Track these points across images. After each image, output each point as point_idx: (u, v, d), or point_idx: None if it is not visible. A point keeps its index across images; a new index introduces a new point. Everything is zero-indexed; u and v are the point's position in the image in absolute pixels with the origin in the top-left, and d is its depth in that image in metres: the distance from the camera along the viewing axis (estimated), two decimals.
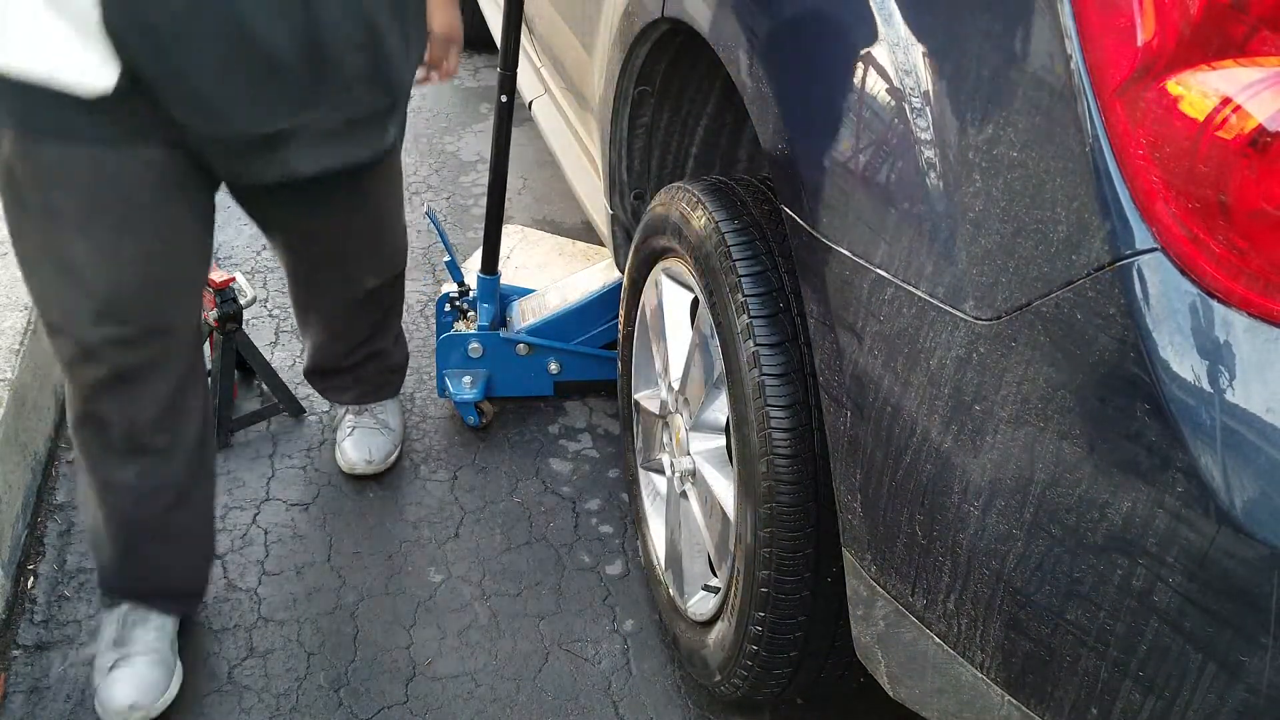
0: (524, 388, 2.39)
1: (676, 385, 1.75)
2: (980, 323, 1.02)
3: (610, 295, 2.29)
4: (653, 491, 1.94)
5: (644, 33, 1.75)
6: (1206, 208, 0.88)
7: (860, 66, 1.14)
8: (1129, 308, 0.90)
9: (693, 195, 1.57)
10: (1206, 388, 0.88)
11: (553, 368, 2.36)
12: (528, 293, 2.43)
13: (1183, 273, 0.89)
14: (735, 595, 1.52)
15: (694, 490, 1.74)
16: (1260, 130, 0.85)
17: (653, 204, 1.74)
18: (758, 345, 1.38)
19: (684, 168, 2.01)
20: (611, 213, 2.08)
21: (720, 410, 1.62)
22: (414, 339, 2.58)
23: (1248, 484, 0.87)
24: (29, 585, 1.91)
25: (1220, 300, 0.89)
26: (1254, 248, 0.87)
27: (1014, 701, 1.09)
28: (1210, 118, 0.86)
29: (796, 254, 1.28)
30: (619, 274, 2.12)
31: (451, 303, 2.35)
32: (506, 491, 2.19)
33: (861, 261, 1.14)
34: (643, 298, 1.87)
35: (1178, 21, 0.88)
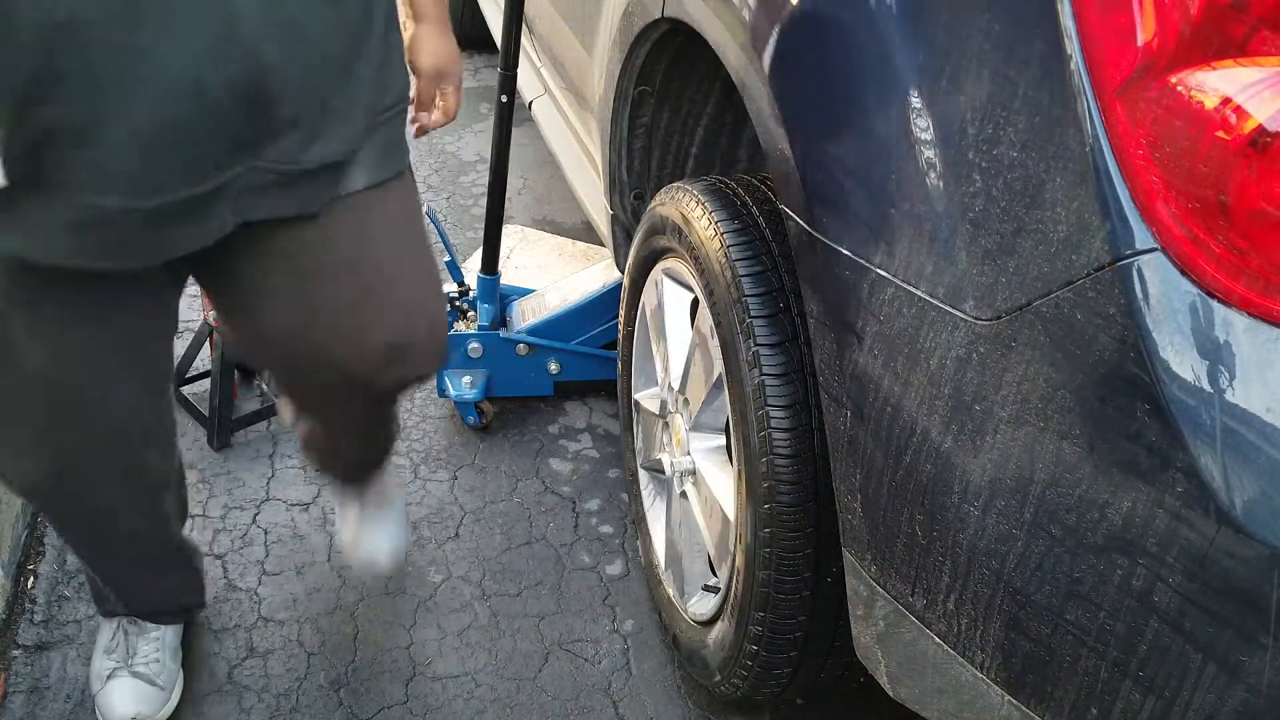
0: (524, 388, 2.39)
1: (676, 385, 1.75)
2: (980, 323, 1.02)
3: (610, 295, 2.29)
4: (653, 491, 1.94)
5: (644, 33, 1.75)
6: (1206, 208, 0.88)
7: (860, 66, 1.14)
8: (1129, 308, 0.90)
9: (693, 195, 1.57)
10: (1206, 388, 0.88)
11: (553, 368, 2.36)
12: (528, 293, 2.43)
13: (1183, 273, 0.89)
14: (735, 595, 1.52)
15: (694, 490, 1.74)
16: (1260, 130, 0.85)
17: (653, 204, 1.74)
18: (758, 345, 1.38)
19: (684, 168, 2.01)
20: (611, 213, 2.08)
21: (720, 410, 1.62)
22: None
23: (1248, 484, 0.87)
24: (29, 585, 1.91)
25: (1220, 300, 0.89)
26: (1254, 248, 0.87)
27: (1014, 701, 1.09)
28: (1210, 118, 0.86)
29: (796, 254, 1.28)
30: (619, 274, 2.12)
31: (451, 303, 2.35)
32: (506, 491, 2.19)
33: (861, 261, 1.14)
34: (643, 298, 1.87)
35: (1178, 21, 0.88)
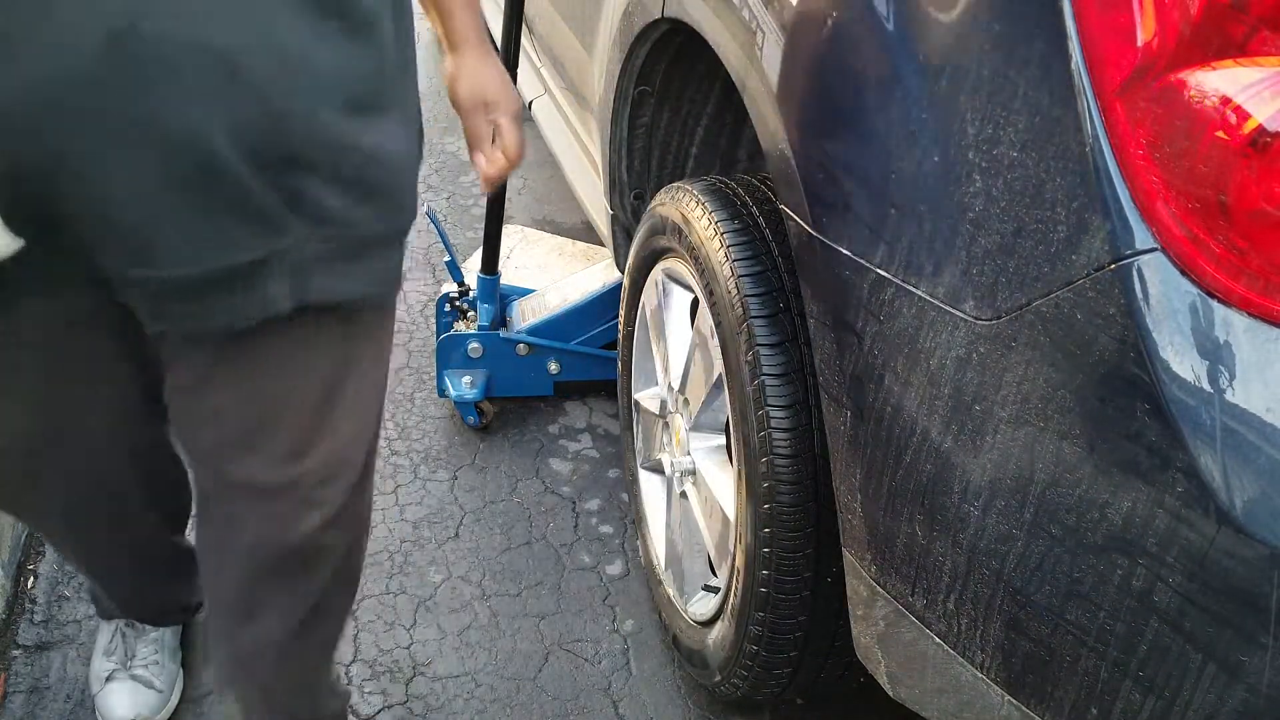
0: (524, 388, 2.39)
1: (676, 385, 1.75)
2: (980, 323, 1.02)
3: (610, 295, 2.29)
4: (653, 491, 1.94)
5: (644, 33, 1.75)
6: (1206, 208, 0.88)
7: (860, 66, 1.14)
8: (1129, 308, 0.90)
9: (693, 195, 1.57)
10: (1206, 388, 0.88)
11: (553, 368, 2.36)
12: (528, 293, 2.43)
13: (1183, 273, 0.89)
14: (735, 595, 1.52)
15: (694, 490, 1.74)
16: (1260, 130, 0.85)
17: (653, 204, 1.74)
18: (758, 345, 1.38)
19: (684, 168, 2.01)
20: (611, 213, 2.08)
21: (720, 410, 1.62)
22: (414, 339, 2.58)
23: (1248, 484, 0.87)
24: (29, 585, 1.91)
25: (1220, 300, 0.89)
26: (1254, 248, 0.87)
27: (1014, 701, 1.09)
28: (1210, 118, 0.86)
29: (796, 254, 1.28)
30: (619, 274, 2.12)
31: (451, 303, 2.35)
32: (506, 491, 2.19)
33: (861, 261, 1.14)
34: (643, 298, 1.87)
35: (1178, 21, 0.88)
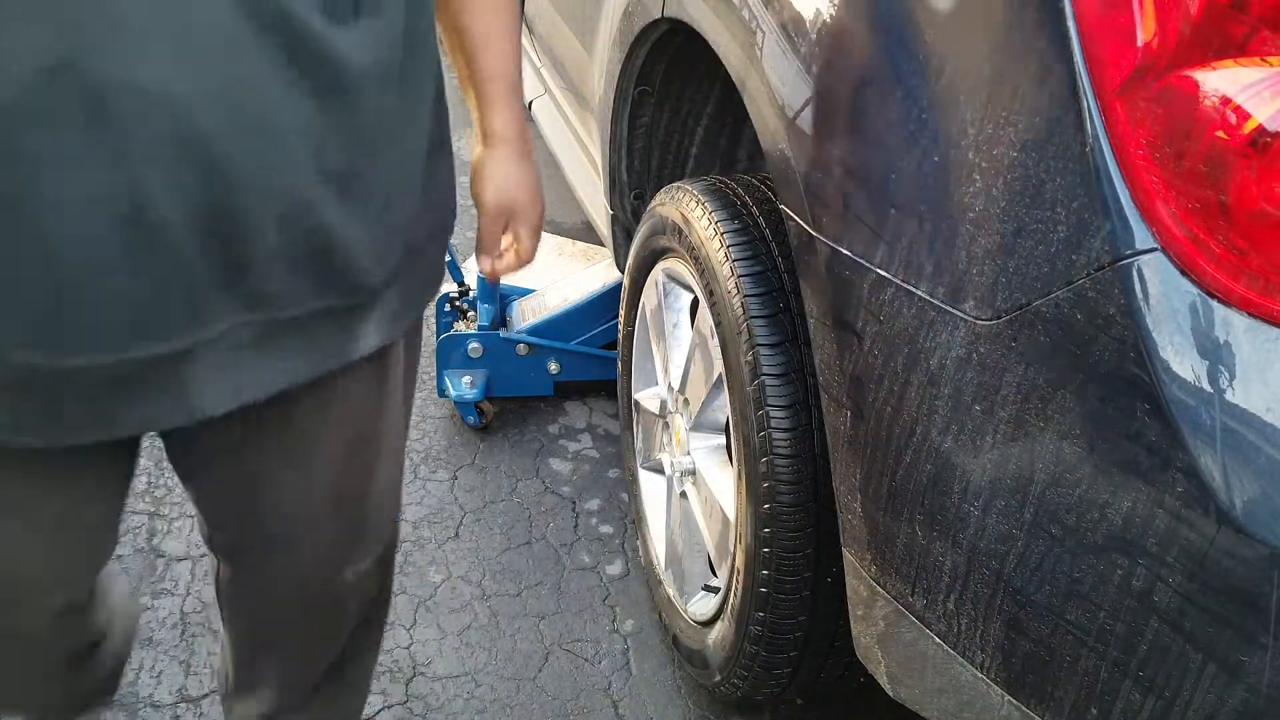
0: (524, 388, 2.39)
1: (676, 385, 1.75)
2: (980, 323, 1.02)
3: (610, 295, 2.29)
4: (653, 491, 1.94)
5: (644, 33, 1.75)
6: (1206, 208, 0.88)
7: (860, 66, 1.14)
8: (1129, 308, 0.90)
9: (693, 195, 1.57)
10: (1206, 388, 0.88)
11: (553, 368, 2.36)
12: (528, 293, 2.43)
13: (1183, 273, 0.89)
14: (735, 595, 1.52)
15: (694, 490, 1.74)
16: (1260, 130, 0.85)
17: (653, 204, 1.74)
18: (758, 345, 1.38)
19: (684, 168, 2.01)
20: (611, 213, 2.08)
21: (720, 410, 1.62)
22: None
23: (1248, 484, 0.87)
24: None
25: (1220, 300, 0.89)
26: (1254, 248, 0.87)
27: (1014, 701, 1.09)
28: (1210, 118, 0.86)
29: (796, 254, 1.28)
30: (619, 274, 2.12)
31: (451, 303, 2.35)
32: (506, 491, 2.19)
33: (861, 261, 1.14)
34: (643, 298, 1.87)
35: (1178, 21, 0.88)
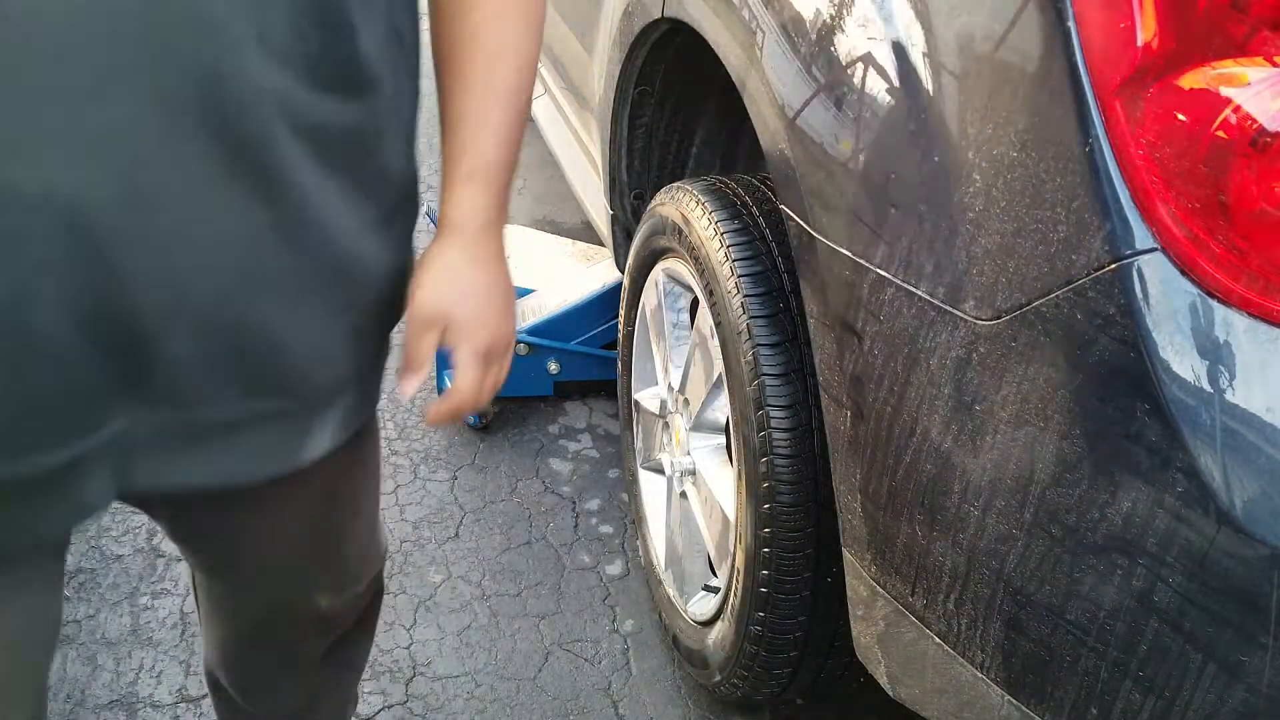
0: (524, 388, 2.39)
1: (676, 385, 1.75)
2: (980, 323, 1.02)
3: (610, 295, 2.29)
4: (653, 491, 1.94)
5: (644, 33, 1.75)
6: (1206, 208, 0.88)
7: (860, 66, 1.14)
8: (1129, 308, 0.90)
9: (693, 195, 1.57)
10: (1206, 388, 0.88)
11: (553, 368, 2.36)
12: (528, 293, 2.43)
13: (1183, 273, 0.89)
14: (735, 595, 1.52)
15: (694, 490, 1.74)
16: (1260, 130, 0.85)
17: (653, 204, 1.74)
18: (758, 345, 1.38)
19: (684, 168, 2.01)
20: (611, 213, 2.08)
21: (720, 410, 1.62)
22: None
23: (1248, 484, 0.87)
24: None
25: (1220, 300, 0.89)
26: (1254, 248, 0.87)
27: (1014, 701, 1.09)
28: (1210, 118, 0.86)
29: (796, 254, 1.28)
30: (619, 274, 2.12)
31: None
32: (506, 491, 2.19)
33: (861, 261, 1.14)
34: (643, 298, 1.87)
35: (1177, 21, 0.88)
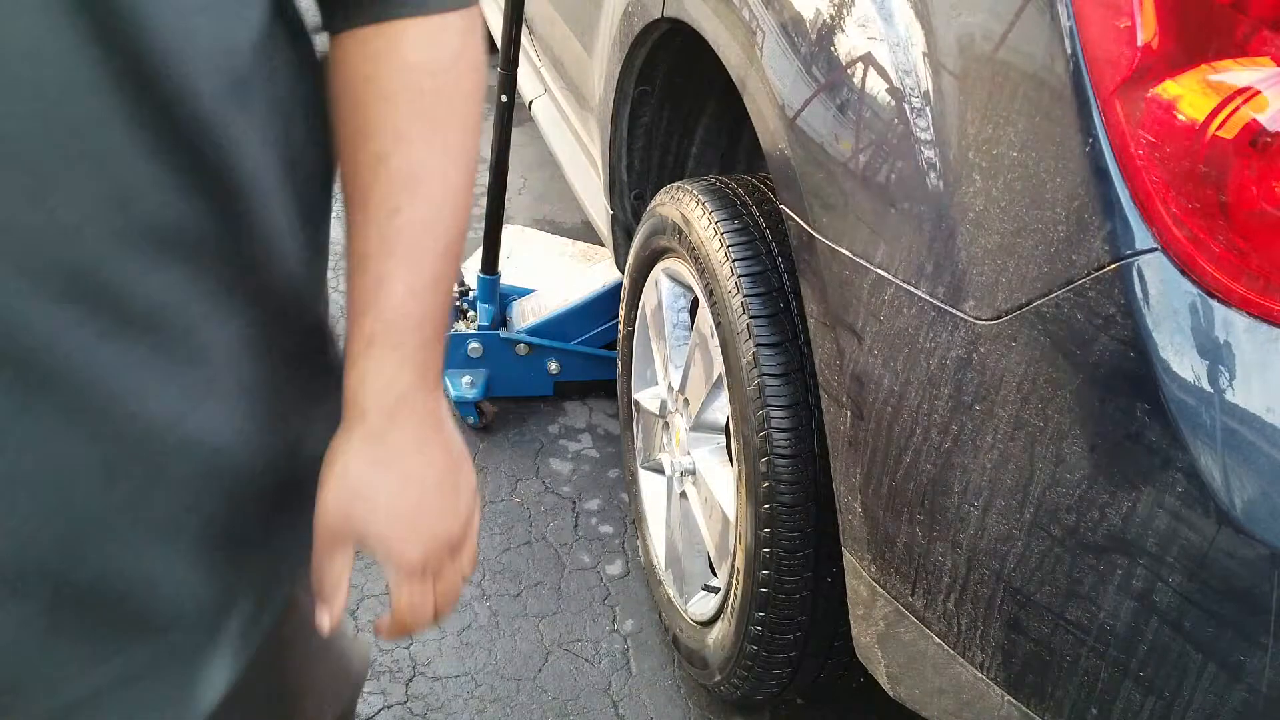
0: (524, 388, 2.39)
1: (676, 385, 1.75)
2: (980, 323, 1.02)
3: (610, 295, 2.29)
4: (653, 491, 1.94)
5: (644, 33, 1.75)
6: (1206, 208, 0.88)
7: (860, 66, 1.14)
8: (1129, 308, 0.90)
9: (693, 195, 1.57)
10: (1206, 388, 0.88)
11: (553, 368, 2.36)
12: (528, 293, 2.43)
13: (1183, 273, 0.89)
14: (735, 595, 1.52)
15: (694, 490, 1.74)
16: (1260, 130, 0.85)
17: (653, 204, 1.74)
18: (758, 345, 1.38)
19: (684, 168, 2.01)
20: (611, 213, 2.08)
21: (720, 410, 1.62)
22: None
23: (1248, 484, 0.87)
24: None
25: (1220, 300, 0.89)
26: (1254, 248, 0.87)
27: (1014, 701, 1.09)
28: (1210, 118, 0.86)
29: (796, 254, 1.28)
30: (619, 274, 2.12)
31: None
32: (506, 491, 2.19)
33: (861, 261, 1.14)
34: (643, 298, 1.87)
35: (1178, 21, 0.88)
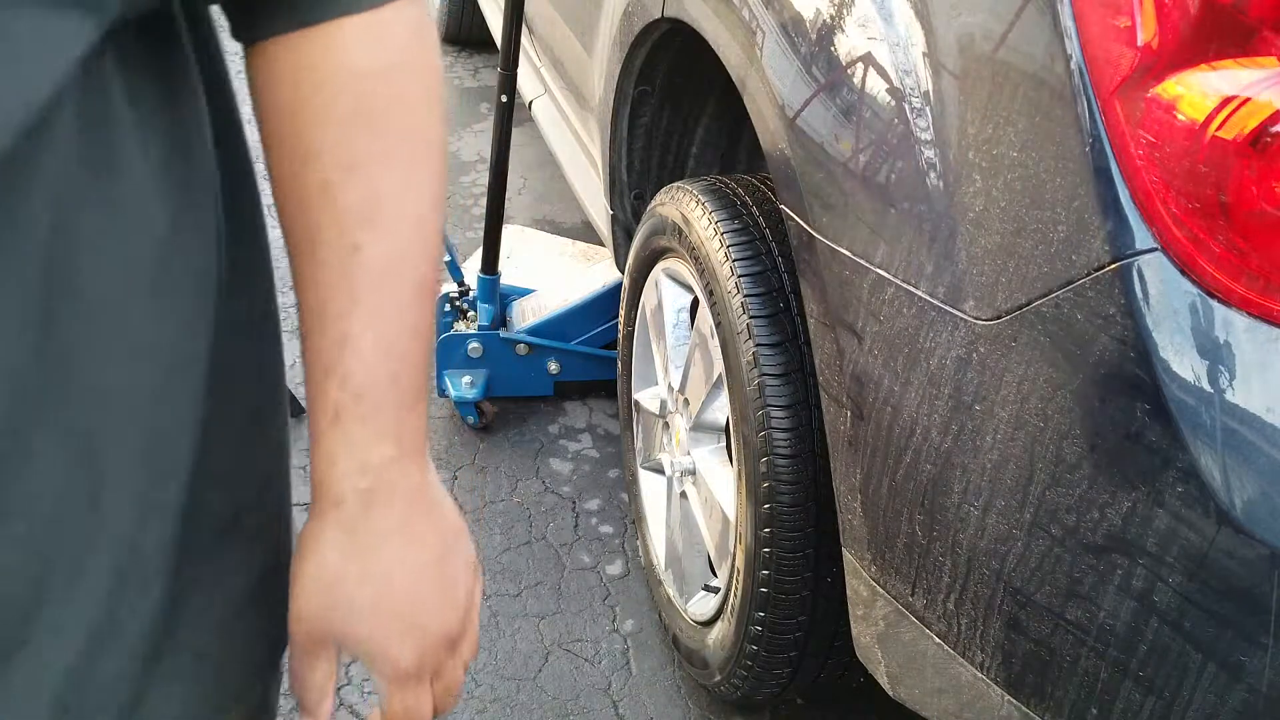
0: (524, 388, 2.39)
1: (676, 385, 1.75)
2: (980, 323, 1.02)
3: (610, 295, 2.29)
4: (653, 491, 1.94)
5: (644, 33, 1.75)
6: (1206, 208, 0.88)
7: (860, 66, 1.14)
8: (1129, 308, 0.90)
9: (693, 195, 1.57)
10: (1206, 388, 0.88)
11: (553, 368, 2.36)
12: (528, 293, 2.43)
13: (1183, 273, 0.89)
14: (735, 595, 1.52)
15: (694, 490, 1.74)
16: (1260, 130, 0.85)
17: (653, 204, 1.74)
18: (758, 345, 1.38)
19: (684, 168, 2.01)
20: (611, 213, 2.08)
21: (720, 410, 1.62)
22: None
23: (1248, 484, 0.87)
24: None
25: (1220, 300, 0.89)
26: (1254, 248, 0.87)
27: (1014, 701, 1.09)
28: (1210, 118, 0.86)
29: (796, 254, 1.28)
30: (619, 274, 2.12)
31: (451, 303, 2.34)
32: (506, 491, 2.19)
33: (861, 261, 1.14)
34: (643, 298, 1.87)
35: (1178, 21, 0.88)
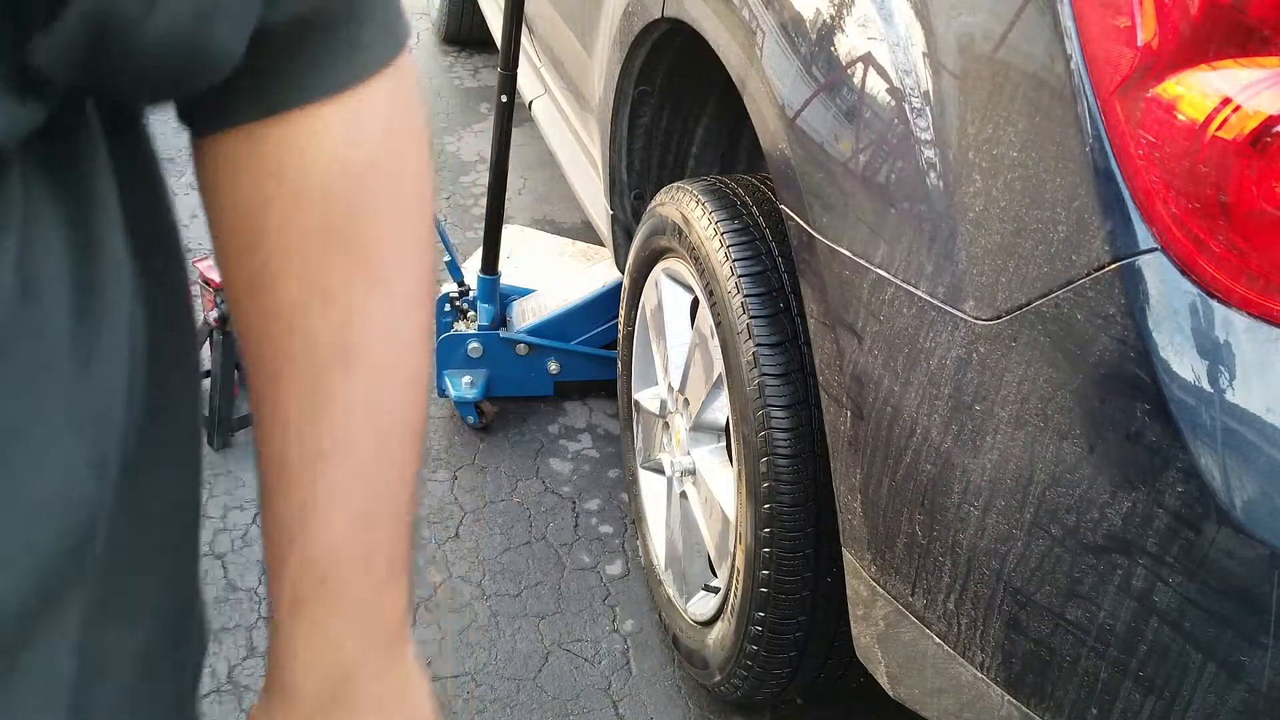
0: (524, 388, 2.39)
1: (676, 385, 1.75)
2: (980, 323, 1.02)
3: (610, 295, 2.29)
4: (653, 491, 1.94)
5: (644, 33, 1.75)
6: (1206, 208, 0.88)
7: (860, 66, 1.14)
8: (1129, 308, 0.90)
9: (693, 195, 1.57)
10: (1207, 388, 0.88)
11: (553, 368, 2.36)
12: (528, 293, 2.43)
13: (1183, 273, 0.89)
14: (735, 595, 1.52)
15: (694, 490, 1.74)
16: (1260, 130, 0.85)
17: (653, 204, 1.74)
18: (758, 345, 1.38)
19: (684, 168, 2.01)
20: (611, 213, 2.08)
21: (720, 410, 1.62)
22: None
23: (1248, 484, 0.87)
24: None
25: (1220, 300, 0.89)
26: (1254, 248, 0.87)
27: (1014, 701, 1.09)
28: (1210, 118, 0.86)
29: (796, 254, 1.28)
30: (619, 274, 2.12)
31: (451, 303, 2.35)
32: (506, 491, 2.19)
33: (861, 261, 1.14)
34: (643, 298, 1.87)
35: (1178, 21, 0.88)
